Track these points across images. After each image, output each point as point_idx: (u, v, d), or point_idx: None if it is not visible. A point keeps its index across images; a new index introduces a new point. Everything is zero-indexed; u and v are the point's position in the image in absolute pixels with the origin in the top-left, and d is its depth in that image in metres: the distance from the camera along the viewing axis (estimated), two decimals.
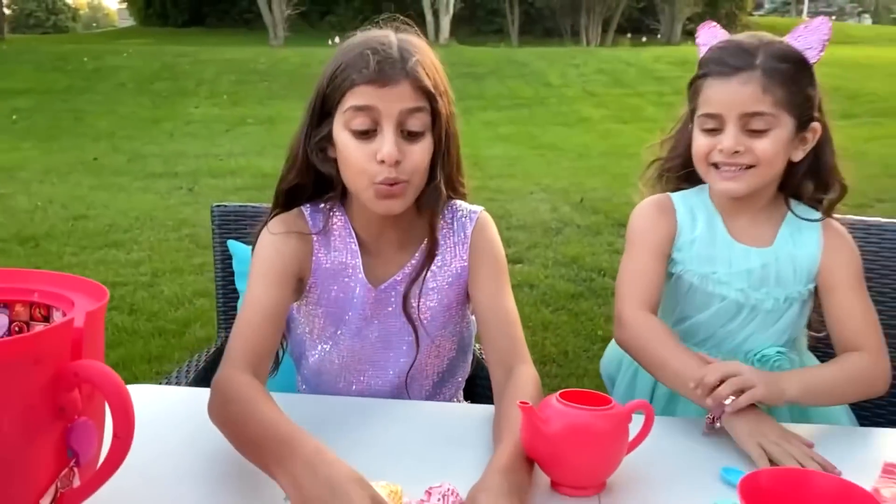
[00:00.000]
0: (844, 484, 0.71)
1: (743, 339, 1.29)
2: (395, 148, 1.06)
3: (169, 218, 5.92)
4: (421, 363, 1.25)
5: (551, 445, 0.88)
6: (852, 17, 61.83)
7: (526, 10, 30.50)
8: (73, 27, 50.67)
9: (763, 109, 1.18)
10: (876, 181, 7.22)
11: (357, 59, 1.07)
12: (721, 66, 1.21)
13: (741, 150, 1.20)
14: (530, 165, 8.38)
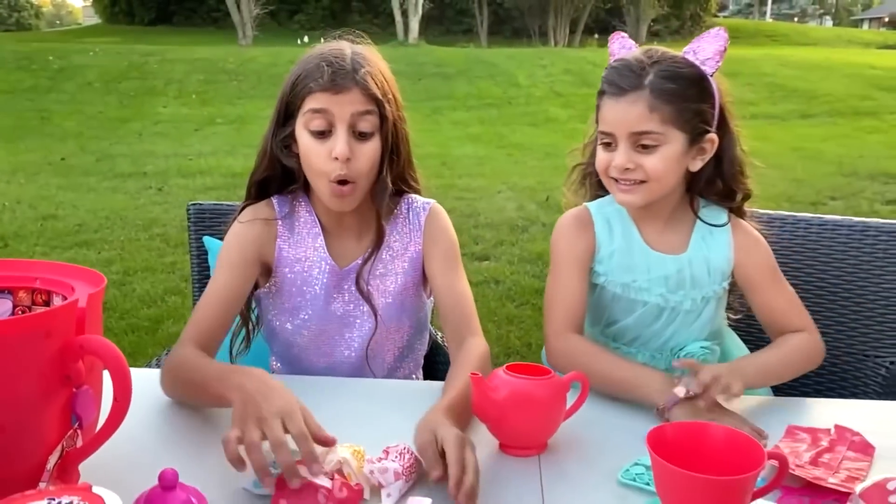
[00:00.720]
0: (735, 433, 0.84)
1: (667, 337, 1.40)
2: (346, 146, 1.23)
3: (139, 217, 5.94)
4: (381, 339, 1.39)
5: (498, 410, 1.00)
6: (814, 19, 63.09)
7: (495, 10, 30.71)
8: (36, 24, 49.79)
9: (650, 128, 1.24)
10: (830, 179, 7.50)
11: (314, 69, 1.25)
12: (612, 87, 1.28)
13: (632, 167, 1.27)
14: (498, 165, 8.52)
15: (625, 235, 1.39)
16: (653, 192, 1.30)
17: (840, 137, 10.07)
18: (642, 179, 1.28)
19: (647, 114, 1.24)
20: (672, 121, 1.25)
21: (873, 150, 9.01)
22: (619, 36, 1.37)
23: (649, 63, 1.26)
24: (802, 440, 1.06)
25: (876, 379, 1.68)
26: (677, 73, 1.26)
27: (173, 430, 1.12)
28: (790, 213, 1.78)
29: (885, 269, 1.68)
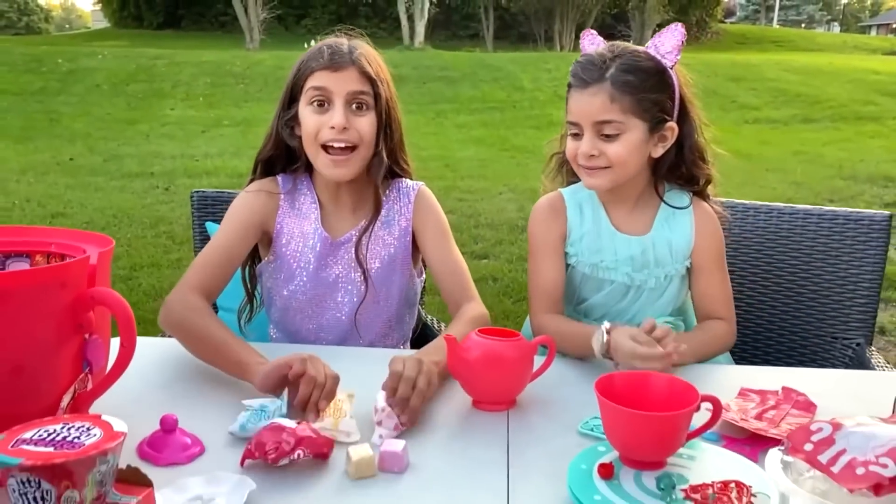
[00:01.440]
0: (674, 381, 0.93)
1: (634, 313, 1.50)
2: (342, 117, 1.37)
3: (146, 216, 6.05)
4: (370, 307, 1.50)
5: (470, 369, 1.09)
6: (821, 25, 63.01)
7: (501, 15, 30.81)
8: (46, 28, 50.21)
9: (612, 118, 1.34)
10: (829, 182, 7.56)
11: (315, 53, 1.41)
12: (577, 80, 1.38)
13: (596, 154, 1.37)
14: (500, 167, 8.61)
15: (594, 219, 1.49)
16: (617, 177, 1.40)
17: (841, 142, 10.12)
18: (606, 165, 1.37)
19: (608, 104, 1.33)
20: (632, 110, 1.34)
21: (874, 155, 9.05)
22: (588, 33, 1.47)
23: (611, 57, 1.36)
24: (752, 400, 1.15)
25: (844, 360, 1.77)
26: (637, 66, 1.35)
27: (174, 381, 1.24)
28: (762, 203, 1.87)
29: (852, 254, 1.77)
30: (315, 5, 33.39)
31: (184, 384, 1.23)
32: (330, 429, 1.04)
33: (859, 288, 1.77)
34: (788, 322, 1.85)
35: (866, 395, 1.20)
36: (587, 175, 1.41)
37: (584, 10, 29.49)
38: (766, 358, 1.88)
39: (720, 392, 1.18)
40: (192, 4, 33.10)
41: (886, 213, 1.77)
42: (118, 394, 0.99)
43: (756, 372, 1.35)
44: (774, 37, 35.04)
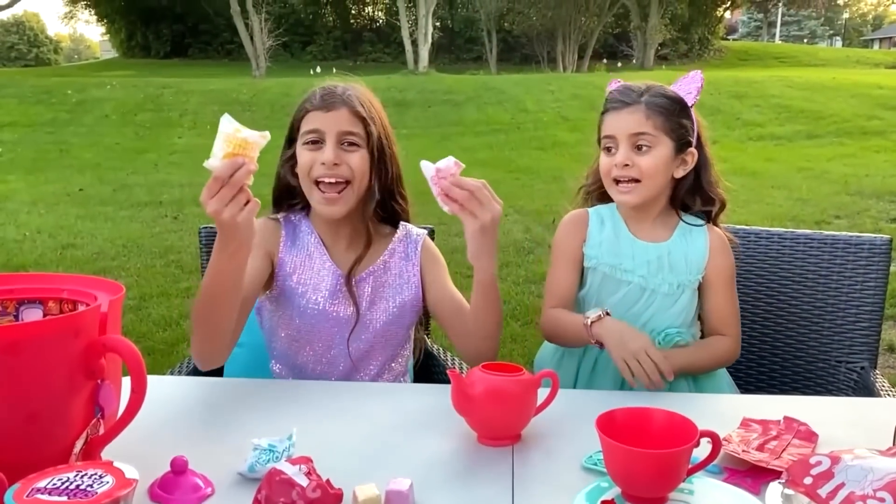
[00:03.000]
0: (674, 416, 0.94)
1: (647, 318, 1.58)
2: (333, 153, 1.43)
3: (155, 245, 6.11)
4: (374, 345, 1.55)
5: (474, 404, 1.11)
6: (823, 40, 63.18)
7: (504, 37, 31.11)
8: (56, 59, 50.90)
9: (646, 130, 1.51)
10: (835, 198, 7.56)
11: (310, 96, 1.49)
12: (615, 103, 1.56)
13: (630, 164, 1.51)
14: (506, 188, 8.64)
15: (615, 229, 1.62)
16: (646, 191, 1.54)
17: (846, 157, 10.13)
18: (637, 178, 1.52)
19: (643, 120, 1.51)
20: (663, 128, 1.52)
21: (879, 169, 9.06)
22: (616, 82, 1.64)
23: (645, 88, 1.56)
24: (754, 430, 1.16)
25: (848, 383, 1.78)
26: (667, 95, 1.55)
27: (183, 420, 1.25)
28: (763, 228, 1.89)
29: (854, 279, 1.79)
30: (320, 32, 33.83)
31: (192, 422, 1.25)
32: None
33: (862, 312, 1.79)
34: (792, 347, 1.86)
35: (868, 422, 1.21)
36: (619, 192, 1.55)
37: (586, 31, 29.74)
38: (770, 383, 1.89)
39: (722, 422, 1.20)
40: (199, 34, 33.58)
41: (887, 238, 1.78)
42: (129, 435, 1.01)
43: (758, 401, 1.36)
44: (777, 53, 35.17)
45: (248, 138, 1.17)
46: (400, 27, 25.35)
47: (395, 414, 1.26)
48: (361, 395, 1.36)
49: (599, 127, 1.59)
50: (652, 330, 1.56)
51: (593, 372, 1.62)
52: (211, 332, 1.32)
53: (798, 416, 1.20)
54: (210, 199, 1.17)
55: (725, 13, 39.43)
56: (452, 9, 34.14)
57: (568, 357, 1.67)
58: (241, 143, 1.17)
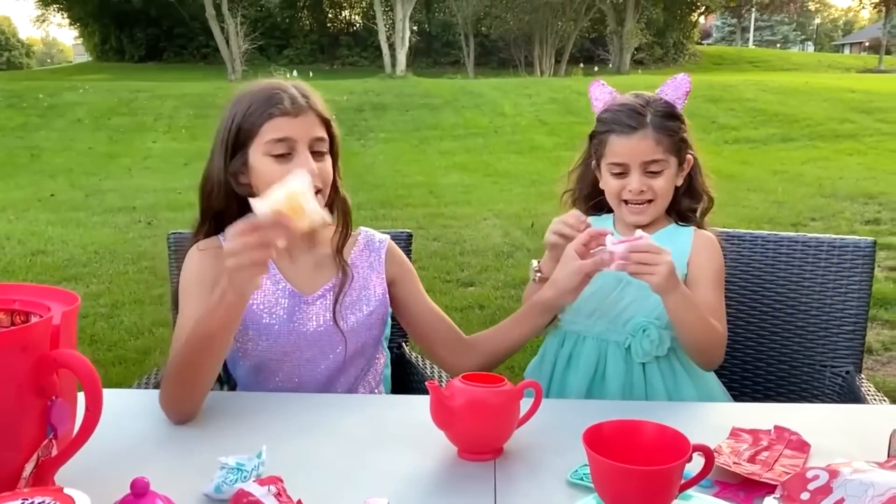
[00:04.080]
0: (665, 429, 0.90)
1: (622, 309, 1.55)
2: (313, 162, 1.34)
3: (128, 251, 5.99)
4: (348, 360, 1.46)
5: (454, 417, 1.06)
6: (796, 45, 64.15)
7: (481, 42, 31.16)
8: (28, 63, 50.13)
9: (658, 157, 1.52)
10: (810, 200, 7.61)
11: (270, 98, 1.35)
12: (621, 126, 1.54)
13: (645, 189, 1.53)
14: (484, 193, 8.62)
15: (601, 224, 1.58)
16: (658, 209, 1.57)
17: (820, 160, 10.23)
18: (650, 199, 1.54)
19: (654, 146, 1.52)
20: (670, 149, 1.54)
21: (853, 172, 9.15)
22: (598, 83, 1.63)
23: (643, 104, 1.54)
24: (744, 440, 1.12)
25: (833, 388, 1.75)
26: (668, 112, 1.55)
27: (145, 437, 1.18)
28: (746, 231, 1.86)
29: (837, 281, 1.76)
30: (297, 35, 33.66)
31: (156, 439, 1.18)
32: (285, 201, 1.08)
33: (846, 315, 1.76)
34: (776, 351, 1.83)
35: (860, 430, 1.17)
36: (632, 212, 1.56)
37: (562, 35, 29.88)
38: (754, 388, 1.85)
39: (711, 432, 1.16)
40: (174, 37, 33.25)
41: (870, 240, 1.76)
42: (86, 455, 0.94)
43: (747, 409, 1.33)
44: (751, 57, 35.61)
45: (307, 209, 1.10)
46: (377, 31, 25.26)
47: (370, 428, 1.20)
48: (336, 408, 1.30)
49: (601, 146, 1.57)
50: (628, 321, 1.54)
51: (567, 366, 1.61)
52: (193, 392, 1.23)
53: (788, 424, 1.16)
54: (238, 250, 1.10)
55: (700, 18, 39.83)
56: (430, 13, 34.13)
57: (548, 352, 1.65)
58: (296, 208, 1.09)
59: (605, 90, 1.62)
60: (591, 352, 1.57)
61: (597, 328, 1.57)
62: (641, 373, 1.53)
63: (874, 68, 29.68)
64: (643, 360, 1.52)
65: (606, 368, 1.55)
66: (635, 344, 1.52)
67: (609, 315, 1.56)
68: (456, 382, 1.09)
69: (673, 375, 1.53)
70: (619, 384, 1.52)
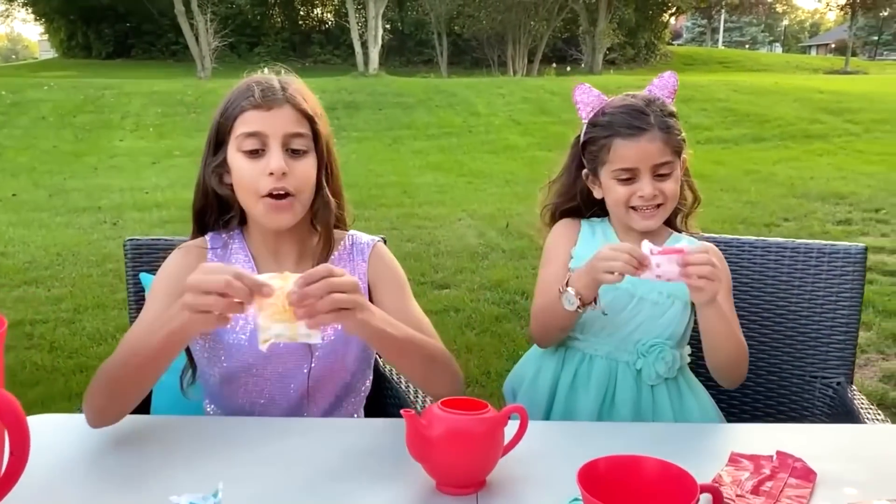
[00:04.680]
0: (672, 468, 0.82)
1: (633, 328, 1.47)
2: (282, 161, 1.23)
3: (92, 253, 5.82)
4: (325, 376, 1.34)
5: (432, 448, 0.96)
6: (764, 46, 65.13)
7: (454, 41, 31.04)
8: None
9: (667, 159, 1.45)
10: (782, 201, 7.64)
11: (244, 90, 1.26)
12: (629, 129, 1.44)
13: (657, 194, 1.45)
14: (458, 193, 8.54)
15: (605, 235, 1.55)
16: (667, 212, 1.50)
17: (791, 160, 10.30)
18: (660, 203, 1.47)
19: (662, 147, 1.44)
20: (675, 149, 1.46)
21: (823, 172, 9.22)
22: (583, 86, 1.54)
23: (644, 105, 1.46)
24: (745, 468, 1.04)
25: (824, 400, 1.69)
26: (668, 111, 1.48)
27: (89, 471, 1.07)
28: (734, 237, 1.79)
29: (829, 290, 1.70)
30: (268, 33, 33.26)
31: (101, 472, 1.07)
32: (288, 333, 0.98)
33: (836, 325, 1.70)
34: (765, 362, 1.76)
35: (865, 454, 1.11)
36: (643, 217, 1.47)
37: (535, 35, 29.90)
38: (743, 399, 1.79)
39: (709, 456, 1.08)
40: (142, 34, 32.67)
41: (861, 246, 1.70)
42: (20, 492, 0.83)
43: (745, 431, 1.25)
44: (721, 58, 35.95)
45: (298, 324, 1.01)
46: (349, 29, 25.01)
47: (340, 458, 1.10)
48: (303, 435, 1.19)
49: (602, 151, 1.47)
50: (638, 340, 1.46)
51: (572, 387, 1.50)
52: (124, 400, 1.15)
53: (790, 447, 1.09)
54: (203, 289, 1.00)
55: (671, 19, 40.15)
56: (402, 11, 33.95)
57: (545, 370, 1.55)
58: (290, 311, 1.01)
59: (591, 93, 1.53)
60: (601, 372, 1.48)
61: (606, 347, 1.49)
62: (650, 395, 1.45)
63: (841, 69, 30.14)
64: (654, 382, 1.45)
65: (616, 390, 1.46)
66: (647, 366, 1.45)
67: (620, 334, 1.48)
68: (434, 409, 0.99)
69: (679, 396, 1.47)
70: (629, 407, 1.44)
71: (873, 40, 49.42)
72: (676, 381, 1.48)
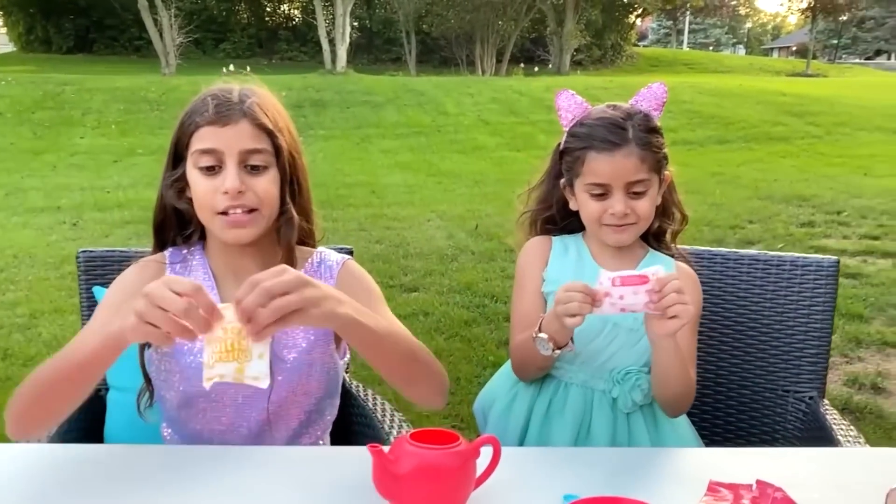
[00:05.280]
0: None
1: (608, 356, 1.43)
2: (237, 180, 1.17)
3: (50, 255, 5.67)
4: (288, 401, 1.28)
5: (402, 485, 0.92)
6: (728, 48, 66.22)
7: (423, 39, 30.98)
8: None
9: (642, 177, 1.38)
10: (747, 203, 7.73)
11: (200, 104, 1.21)
12: (603, 143, 1.38)
13: (629, 212, 1.39)
14: (427, 193, 8.49)
15: (578, 255, 1.50)
16: (640, 230, 1.44)
17: (755, 162, 10.43)
18: (633, 222, 1.40)
19: (639, 165, 1.37)
20: (653, 167, 1.40)
21: (787, 174, 9.36)
22: (567, 92, 1.48)
23: (624, 118, 1.39)
24: (724, 498, 1.01)
25: (797, 415, 1.68)
26: (650, 126, 1.40)
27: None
28: (706, 249, 1.77)
29: (801, 303, 1.69)
30: (234, 29, 32.84)
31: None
32: (233, 374, 0.91)
33: (809, 338, 1.69)
34: (736, 376, 1.74)
35: (845, 481, 1.09)
36: (614, 232, 1.42)
37: (503, 35, 29.96)
38: (714, 415, 1.77)
39: (687, 483, 1.05)
40: (104, 28, 32.03)
41: (834, 259, 1.70)
42: None
43: (722, 457, 1.22)
44: (686, 59, 36.38)
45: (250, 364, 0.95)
46: (317, 26, 24.78)
47: (304, 489, 1.05)
48: (264, 465, 1.13)
49: (577, 163, 1.41)
50: (613, 368, 1.42)
51: (547, 415, 1.46)
52: (47, 410, 1.09)
53: (768, 474, 1.06)
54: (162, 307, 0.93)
55: (637, 20, 40.53)
56: (370, 9, 33.76)
57: (520, 398, 1.50)
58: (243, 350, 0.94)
59: (574, 100, 1.47)
60: (576, 400, 1.44)
61: (582, 375, 1.44)
62: (626, 423, 1.41)
63: (802, 72, 30.68)
64: (630, 410, 1.41)
65: (592, 419, 1.42)
66: (623, 394, 1.40)
67: (595, 362, 1.43)
68: (403, 444, 0.94)
69: (655, 423, 1.43)
70: (605, 436, 1.40)
71: (833, 44, 50.46)
72: (652, 406, 1.45)
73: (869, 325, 4.24)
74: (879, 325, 4.26)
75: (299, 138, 1.32)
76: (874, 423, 3.12)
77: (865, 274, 5.18)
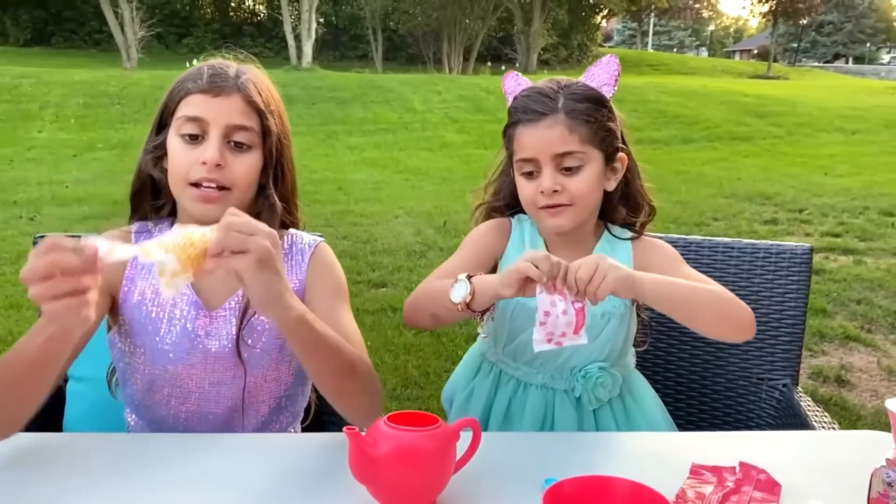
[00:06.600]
0: (638, 487, 0.76)
1: (567, 356, 1.35)
2: (217, 153, 1.13)
3: (5, 250, 5.51)
4: (258, 387, 1.24)
5: (379, 468, 0.88)
6: (691, 50, 67.24)
7: (389, 36, 30.91)
8: None
9: (572, 148, 1.26)
10: (712, 201, 7.83)
11: (194, 72, 1.17)
12: (528, 114, 1.28)
13: (559, 189, 1.26)
14: (395, 189, 8.44)
15: (532, 244, 1.38)
16: (579, 215, 1.30)
17: (719, 161, 10.58)
18: (568, 203, 1.28)
19: (566, 135, 1.25)
20: (590, 140, 1.27)
21: (749, 173, 9.50)
22: (512, 74, 1.40)
23: (556, 88, 1.29)
24: (707, 481, 0.99)
25: (770, 402, 1.67)
26: (586, 95, 1.29)
27: None
28: (680, 237, 1.75)
29: (774, 290, 1.68)
30: (197, 24, 32.42)
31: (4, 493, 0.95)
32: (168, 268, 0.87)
33: (782, 325, 1.68)
34: (710, 364, 1.73)
35: (828, 463, 1.07)
36: (549, 216, 1.30)
37: (471, 33, 30.01)
38: (689, 402, 1.76)
39: (669, 468, 1.03)
40: (63, 20, 31.36)
41: (807, 246, 1.69)
42: None
43: (703, 440, 1.20)
44: (651, 60, 36.80)
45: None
46: (282, 21, 24.53)
47: (276, 477, 1.01)
48: (234, 452, 1.09)
49: (509, 141, 1.32)
50: (573, 367, 1.35)
51: (506, 417, 1.39)
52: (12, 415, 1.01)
53: (749, 457, 1.05)
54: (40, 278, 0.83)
55: (602, 21, 40.92)
56: (337, 5, 33.57)
57: (477, 394, 1.43)
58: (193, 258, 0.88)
59: (518, 81, 1.37)
60: (536, 401, 1.36)
61: (541, 377, 1.37)
62: (593, 419, 1.35)
63: (763, 74, 31.25)
64: (596, 406, 1.35)
65: (555, 419, 1.35)
66: (586, 392, 1.33)
67: (554, 362, 1.36)
68: (381, 426, 0.90)
69: (626, 415, 1.37)
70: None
71: (793, 47, 51.53)
72: (621, 396, 1.39)
73: (832, 320, 4.30)
74: (842, 319, 4.33)
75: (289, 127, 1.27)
76: (839, 414, 3.15)
77: (828, 270, 5.26)
